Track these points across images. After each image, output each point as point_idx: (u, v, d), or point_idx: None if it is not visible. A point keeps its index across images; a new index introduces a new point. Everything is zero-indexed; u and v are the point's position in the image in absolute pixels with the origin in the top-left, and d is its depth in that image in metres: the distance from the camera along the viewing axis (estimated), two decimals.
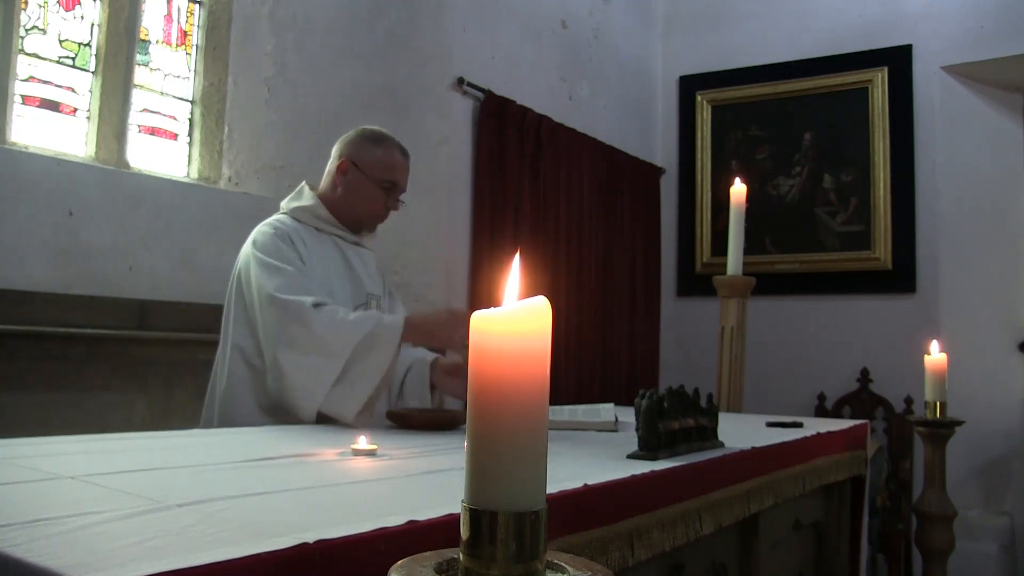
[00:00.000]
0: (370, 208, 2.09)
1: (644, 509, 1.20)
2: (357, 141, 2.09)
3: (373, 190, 2.07)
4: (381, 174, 2.07)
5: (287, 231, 1.98)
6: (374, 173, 2.06)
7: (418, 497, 1.06)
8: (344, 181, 2.06)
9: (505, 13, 3.99)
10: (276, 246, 1.93)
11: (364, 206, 2.08)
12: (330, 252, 2.05)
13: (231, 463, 1.23)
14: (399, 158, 2.10)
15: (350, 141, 2.10)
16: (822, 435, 2.03)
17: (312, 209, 2.06)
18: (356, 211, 2.09)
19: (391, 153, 2.09)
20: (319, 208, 2.07)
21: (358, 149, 2.07)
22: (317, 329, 1.79)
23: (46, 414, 2.29)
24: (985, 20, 4.25)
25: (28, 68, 2.52)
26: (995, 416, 4.15)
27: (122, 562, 0.66)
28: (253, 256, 1.93)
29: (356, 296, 2.05)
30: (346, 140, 2.11)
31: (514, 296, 0.55)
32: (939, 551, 2.90)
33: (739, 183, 2.99)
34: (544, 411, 0.55)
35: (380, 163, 2.07)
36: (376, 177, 2.06)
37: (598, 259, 4.47)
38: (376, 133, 2.12)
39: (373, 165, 2.06)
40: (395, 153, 2.10)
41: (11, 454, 1.18)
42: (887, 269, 4.44)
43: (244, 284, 1.95)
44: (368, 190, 2.07)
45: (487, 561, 0.53)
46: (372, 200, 2.08)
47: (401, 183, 2.11)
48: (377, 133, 2.12)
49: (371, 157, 2.07)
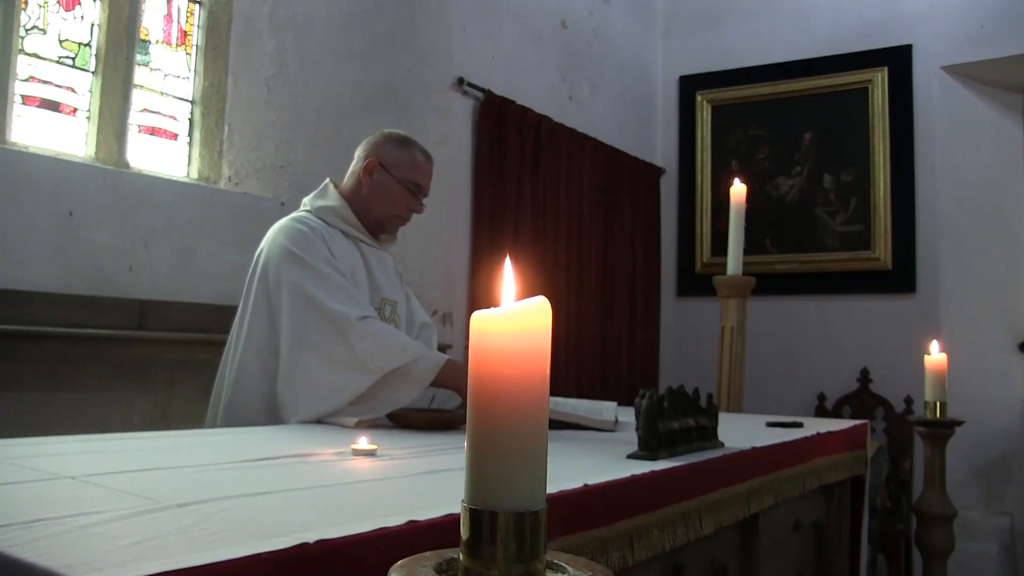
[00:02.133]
0: (394, 209, 2.09)
1: (644, 509, 1.20)
2: (384, 142, 2.10)
3: (398, 191, 2.07)
4: (408, 175, 2.08)
5: (318, 229, 1.97)
6: (401, 174, 2.07)
7: (418, 497, 1.06)
8: (370, 181, 2.07)
9: (505, 13, 3.99)
10: (309, 241, 1.92)
11: (388, 207, 2.09)
12: (354, 255, 2.04)
13: (231, 463, 1.23)
14: (424, 161, 2.12)
15: (377, 142, 2.11)
16: (822, 435, 2.03)
17: (339, 211, 2.05)
18: (380, 212, 2.09)
19: (417, 156, 2.11)
20: (345, 210, 2.06)
21: (386, 150, 2.08)
22: (358, 347, 1.79)
23: (46, 414, 2.28)
24: (985, 20, 4.25)
25: (28, 68, 2.52)
26: (995, 416, 4.15)
27: (122, 562, 0.66)
28: (285, 249, 1.90)
29: (372, 301, 2.04)
30: (373, 141, 2.12)
31: (513, 296, 0.55)
32: (939, 551, 2.91)
33: (739, 183, 2.99)
34: (544, 411, 0.55)
35: (407, 165, 2.08)
36: (402, 178, 2.07)
37: (598, 259, 4.47)
38: (403, 136, 2.14)
39: (400, 166, 2.07)
40: (421, 156, 2.12)
41: (11, 454, 1.18)
42: (887, 269, 4.44)
43: (271, 274, 1.91)
44: (393, 191, 2.07)
45: (487, 561, 0.53)
46: (397, 201, 2.08)
47: (425, 186, 2.12)
48: (404, 136, 2.14)
49: (398, 158, 2.08)
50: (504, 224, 3.78)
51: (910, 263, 4.40)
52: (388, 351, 1.81)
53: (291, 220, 2.01)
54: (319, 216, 2.05)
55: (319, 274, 1.87)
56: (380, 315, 2.05)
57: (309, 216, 2.04)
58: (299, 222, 1.99)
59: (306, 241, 1.92)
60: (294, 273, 1.87)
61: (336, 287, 1.87)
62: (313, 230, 1.97)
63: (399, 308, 2.15)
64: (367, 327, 1.82)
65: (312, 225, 1.98)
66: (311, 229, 1.96)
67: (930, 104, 4.40)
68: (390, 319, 2.10)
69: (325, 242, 1.95)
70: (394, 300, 2.13)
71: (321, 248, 1.93)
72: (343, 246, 2.03)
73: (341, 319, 1.81)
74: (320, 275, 1.87)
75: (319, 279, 1.86)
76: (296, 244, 1.91)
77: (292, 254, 1.89)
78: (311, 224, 1.99)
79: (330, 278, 1.88)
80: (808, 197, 4.69)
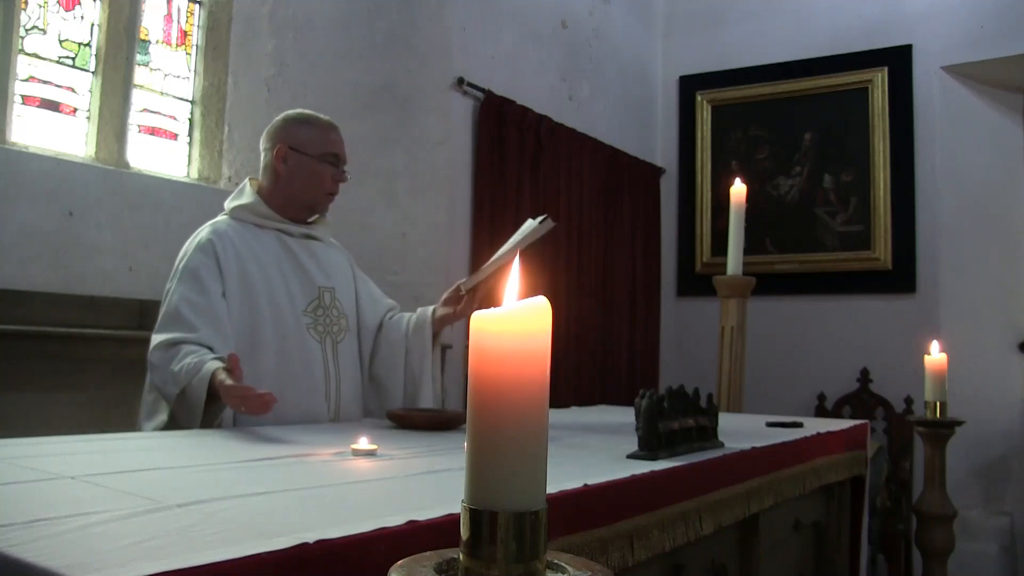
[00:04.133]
0: (319, 186, 2.06)
1: (644, 509, 1.20)
2: (285, 126, 2.06)
3: (317, 167, 2.04)
4: (321, 149, 2.04)
5: (220, 239, 1.94)
6: (315, 150, 2.04)
7: (418, 497, 1.06)
8: (286, 168, 2.03)
9: (505, 13, 3.99)
10: (197, 261, 1.90)
11: (314, 186, 2.05)
12: (271, 248, 2.01)
13: (231, 463, 1.23)
14: (332, 131, 2.08)
15: (278, 128, 2.07)
16: (822, 435, 2.03)
17: (251, 207, 2.03)
18: (307, 194, 2.06)
19: (323, 128, 2.07)
20: (258, 205, 2.04)
21: (289, 133, 2.05)
22: (154, 377, 1.81)
23: (46, 414, 2.29)
24: (985, 20, 4.25)
25: (28, 68, 2.52)
26: (995, 416, 4.15)
27: (122, 562, 0.66)
28: (179, 261, 1.93)
29: (306, 291, 2.03)
30: (273, 129, 2.08)
31: (514, 296, 0.55)
32: (939, 551, 2.91)
33: (739, 183, 2.99)
34: (544, 411, 0.55)
35: (317, 139, 2.05)
36: (317, 154, 2.04)
37: (598, 259, 4.47)
38: (301, 114, 2.10)
39: (310, 143, 2.04)
40: (327, 127, 2.08)
41: (11, 454, 1.18)
42: (887, 269, 4.44)
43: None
44: (313, 169, 2.03)
45: (487, 561, 0.53)
46: (319, 177, 2.05)
47: (342, 155, 2.08)
48: (302, 114, 2.10)
49: (306, 136, 2.04)
50: (504, 224, 3.78)
51: (910, 263, 4.40)
52: (171, 380, 1.76)
53: (205, 228, 1.99)
54: (233, 216, 2.03)
55: (171, 295, 1.88)
56: (319, 303, 2.04)
57: (222, 220, 2.02)
58: (208, 231, 1.97)
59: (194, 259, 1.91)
60: (171, 288, 1.90)
61: (168, 315, 1.85)
62: (211, 242, 1.92)
63: (338, 294, 2.11)
64: (164, 356, 1.79)
65: (214, 235, 1.94)
66: (209, 242, 1.92)
67: (930, 104, 4.40)
68: (330, 306, 2.07)
69: (219, 252, 1.91)
70: (331, 287, 2.10)
71: (202, 265, 1.89)
72: (255, 239, 2.00)
73: (155, 347, 1.82)
74: (172, 295, 1.87)
75: (168, 300, 1.87)
76: (185, 260, 1.92)
77: (177, 269, 1.92)
78: (216, 232, 1.95)
79: (176, 301, 1.85)
80: (808, 197, 4.69)
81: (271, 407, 1.56)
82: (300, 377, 1.95)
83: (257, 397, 1.54)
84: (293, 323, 1.97)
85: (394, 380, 2.16)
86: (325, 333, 2.04)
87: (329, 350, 2.03)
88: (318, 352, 2.00)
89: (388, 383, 2.16)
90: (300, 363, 1.96)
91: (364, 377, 2.17)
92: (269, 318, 1.93)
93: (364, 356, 2.18)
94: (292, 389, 1.90)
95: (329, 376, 2.01)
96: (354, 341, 2.14)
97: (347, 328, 2.10)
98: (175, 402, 1.75)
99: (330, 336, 2.04)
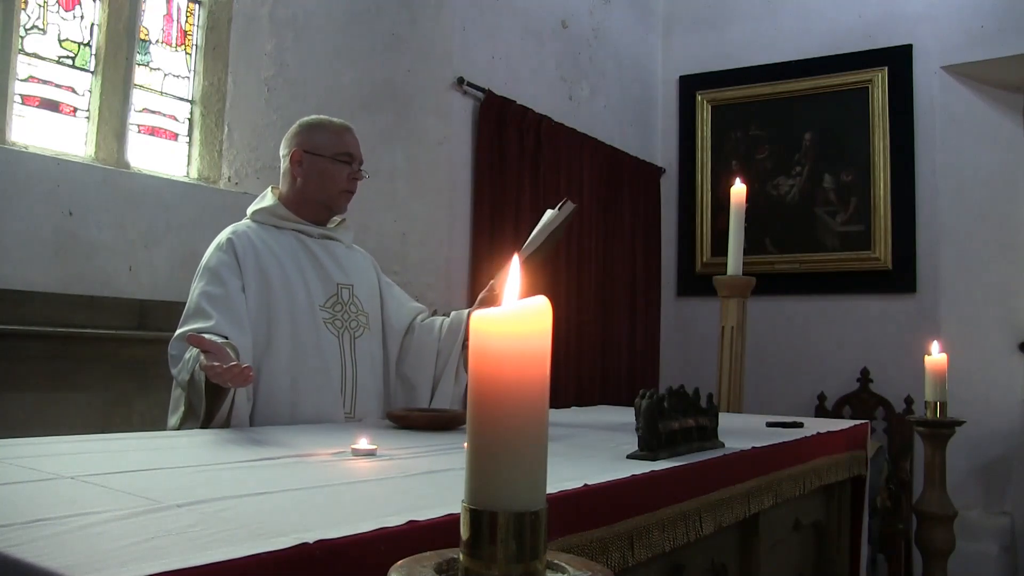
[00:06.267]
0: (335, 185, 2.11)
1: (644, 509, 1.20)
2: (300, 132, 2.12)
3: (332, 167, 2.09)
4: (335, 149, 2.10)
5: (239, 238, 2.00)
6: (328, 151, 2.09)
7: (418, 497, 1.06)
8: (302, 171, 2.09)
9: (505, 13, 3.99)
10: (217, 259, 1.96)
11: (330, 186, 2.10)
12: (290, 245, 2.07)
13: (231, 463, 1.23)
14: (345, 131, 2.14)
15: (293, 134, 2.13)
16: (822, 435, 2.03)
17: (271, 209, 2.10)
18: (324, 195, 2.11)
19: (337, 130, 2.13)
20: (278, 208, 2.10)
21: (303, 138, 2.10)
22: (172, 369, 1.86)
23: (46, 414, 2.29)
24: (985, 20, 4.25)
25: (28, 68, 2.52)
26: (995, 416, 4.15)
27: (122, 562, 0.66)
28: (202, 262, 1.99)
29: (324, 286, 2.08)
30: (288, 136, 2.14)
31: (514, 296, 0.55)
32: (939, 551, 2.91)
33: (739, 183, 2.99)
34: (544, 411, 0.55)
35: (330, 141, 2.10)
36: (331, 154, 2.09)
37: (598, 259, 4.47)
38: (315, 119, 2.16)
39: (324, 145, 2.09)
40: (339, 128, 2.14)
41: (11, 454, 1.19)
42: (887, 269, 4.44)
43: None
44: (328, 169, 2.09)
45: (487, 561, 0.53)
46: (335, 177, 2.10)
47: (356, 154, 2.14)
48: (316, 119, 2.16)
49: (319, 139, 2.10)
50: (504, 224, 3.78)
51: (910, 263, 4.40)
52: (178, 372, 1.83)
53: (227, 231, 2.05)
54: (254, 219, 2.09)
55: (192, 293, 1.94)
56: (338, 299, 2.09)
57: (243, 223, 2.09)
58: (229, 233, 2.03)
59: (215, 258, 1.97)
60: (193, 287, 1.96)
61: (188, 310, 1.91)
62: (231, 242, 1.98)
63: (357, 291, 2.16)
64: (172, 348, 1.86)
65: (235, 236, 2.00)
66: (229, 242, 1.98)
67: (930, 104, 4.40)
68: (349, 302, 2.12)
69: (239, 252, 1.97)
70: (349, 284, 2.14)
71: (223, 263, 1.95)
72: (275, 239, 2.05)
73: (175, 338, 1.87)
74: (192, 293, 1.93)
75: (190, 298, 1.93)
76: (208, 260, 1.98)
77: (201, 269, 1.97)
78: (237, 232, 2.02)
79: (196, 297, 1.91)
80: (808, 197, 4.69)
81: (250, 380, 1.61)
82: (316, 369, 1.98)
83: (228, 369, 1.57)
84: (310, 316, 2.01)
85: (423, 381, 2.22)
86: (343, 328, 2.08)
87: (347, 344, 2.07)
88: (335, 345, 2.04)
89: (417, 384, 2.22)
90: (316, 355, 1.99)
91: (390, 376, 2.22)
92: (286, 310, 1.97)
93: (390, 357, 2.23)
94: (307, 380, 1.96)
95: (346, 369, 2.05)
96: (374, 339, 2.17)
97: (366, 325, 2.14)
98: (188, 390, 1.79)
99: (348, 331, 2.08)
